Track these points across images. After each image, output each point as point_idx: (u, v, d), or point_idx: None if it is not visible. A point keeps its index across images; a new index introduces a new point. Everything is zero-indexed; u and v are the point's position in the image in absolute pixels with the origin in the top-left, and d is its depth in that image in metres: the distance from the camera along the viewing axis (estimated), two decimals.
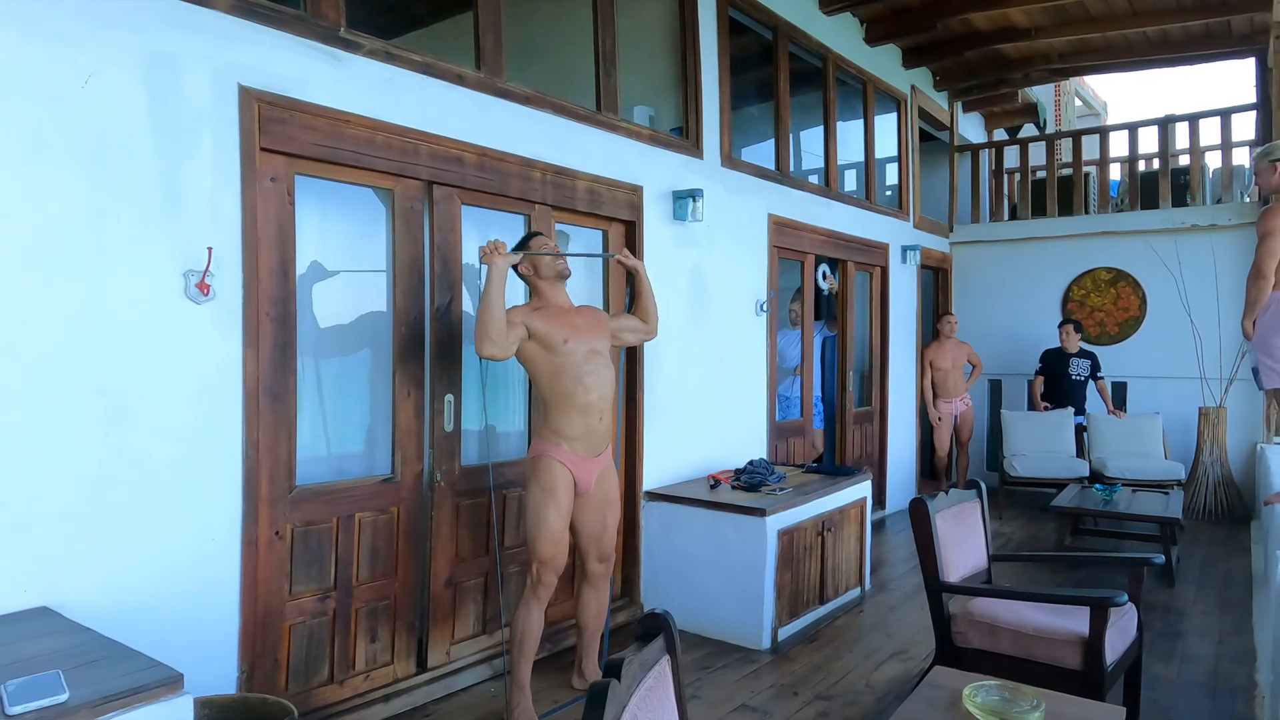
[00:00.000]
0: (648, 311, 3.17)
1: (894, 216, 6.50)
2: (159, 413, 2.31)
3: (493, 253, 2.70)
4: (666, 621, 1.52)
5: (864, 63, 6.00)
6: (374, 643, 2.93)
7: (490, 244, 2.72)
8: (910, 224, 6.75)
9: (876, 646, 3.64)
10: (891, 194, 6.92)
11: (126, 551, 2.25)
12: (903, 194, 6.74)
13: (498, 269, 2.68)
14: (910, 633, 3.79)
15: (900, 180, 6.77)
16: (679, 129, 4.47)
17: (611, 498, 3.04)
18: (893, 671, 3.36)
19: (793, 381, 5.53)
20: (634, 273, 3.16)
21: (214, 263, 2.39)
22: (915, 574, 4.67)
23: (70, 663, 1.70)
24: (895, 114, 6.63)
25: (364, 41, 2.81)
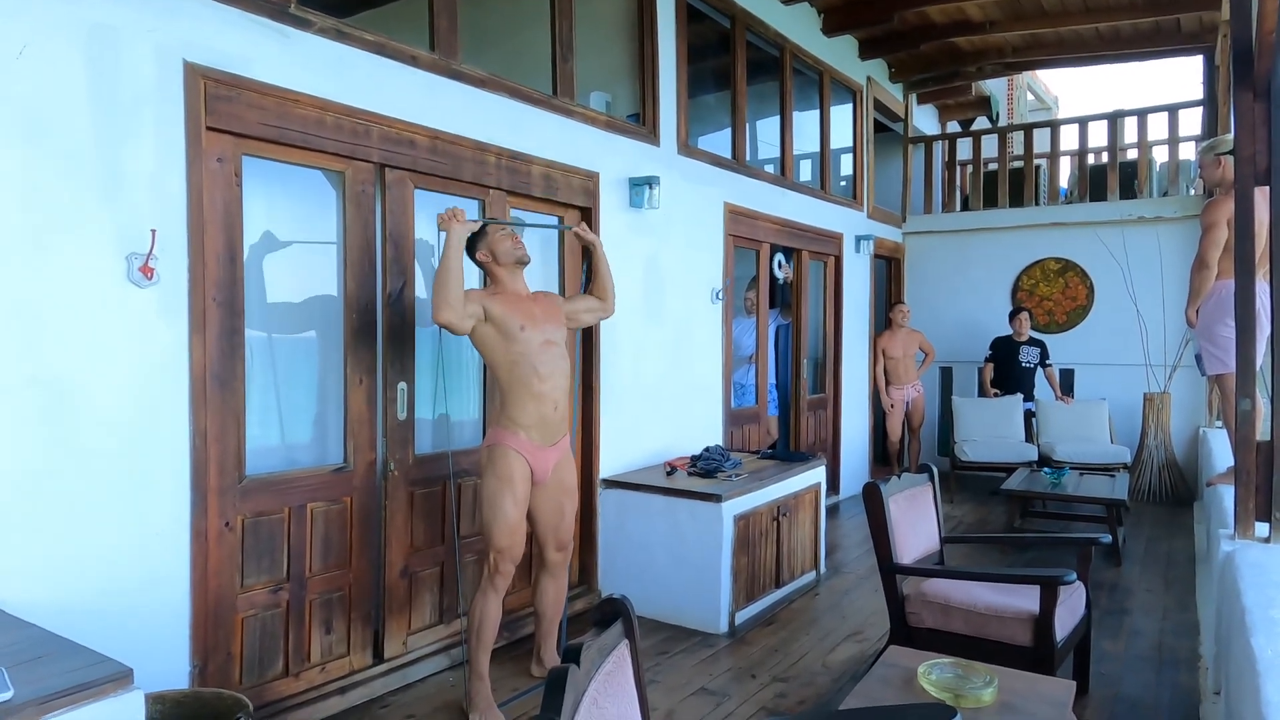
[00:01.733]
0: (605, 288, 3.16)
1: (848, 206, 6.57)
2: (101, 402, 2.23)
3: (451, 219, 2.68)
4: (625, 606, 1.52)
5: (821, 53, 6.05)
6: (329, 634, 2.88)
7: (449, 210, 2.70)
8: (864, 214, 6.85)
9: (832, 628, 3.69)
10: (846, 184, 7.01)
11: (69, 545, 2.17)
12: (857, 184, 6.83)
13: (456, 235, 2.66)
14: (864, 614, 3.85)
15: (855, 170, 6.86)
16: (636, 115, 4.45)
17: (569, 486, 3.03)
18: (848, 653, 3.41)
19: (748, 369, 5.57)
20: (591, 248, 3.15)
21: (158, 246, 2.30)
22: (869, 557, 4.74)
23: (12, 660, 1.63)
24: (851, 105, 6.70)
25: (314, 19, 2.73)
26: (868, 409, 6.92)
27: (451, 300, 2.62)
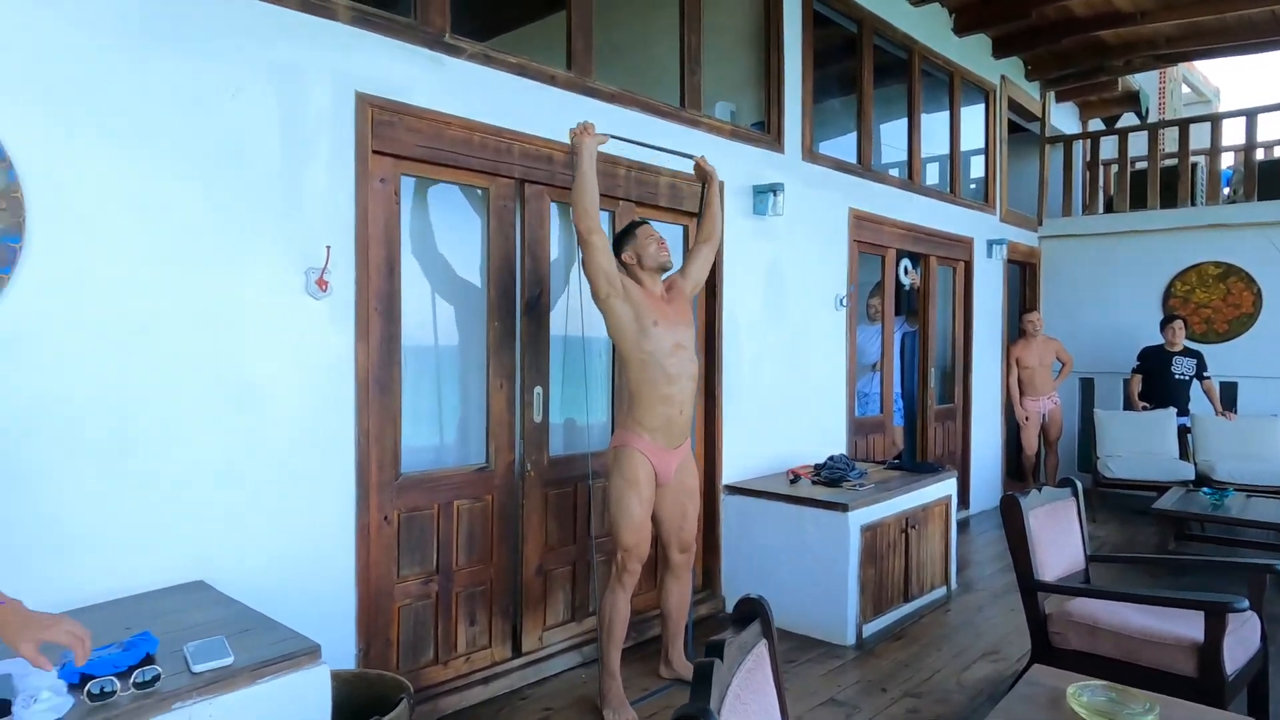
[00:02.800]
0: (715, 221, 3.22)
1: (979, 210, 6.34)
2: (282, 403, 2.46)
3: (583, 132, 2.80)
4: (762, 606, 1.54)
5: (951, 54, 5.87)
6: (473, 626, 3.05)
7: (580, 125, 2.82)
8: (996, 218, 6.58)
9: (965, 646, 3.58)
10: (977, 187, 6.75)
11: (257, 533, 2.41)
12: (989, 187, 6.57)
13: (587, 147, 2.78)
14: (1001, 633, 3.71)
15: (987, 173, 6.60)
16: (760, 123, 4.47)
17: (691, 489, 3.08)
18: (984, 671, 3.30)
19: (871, 377, 5.45)
20: (708, 179, 3.22)
21: (330, 260, 2.52)
22: (1003, 575, 4.57)
23: (227, 630, 1.86)
24: (983, 105, 6.45)
25: (465, 46, 2.91)
26: (1000, 421, 6.63)
27: (588, 207, 2.75)
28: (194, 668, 1.66)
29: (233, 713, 1.65)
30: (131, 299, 2.17)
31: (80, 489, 2.09)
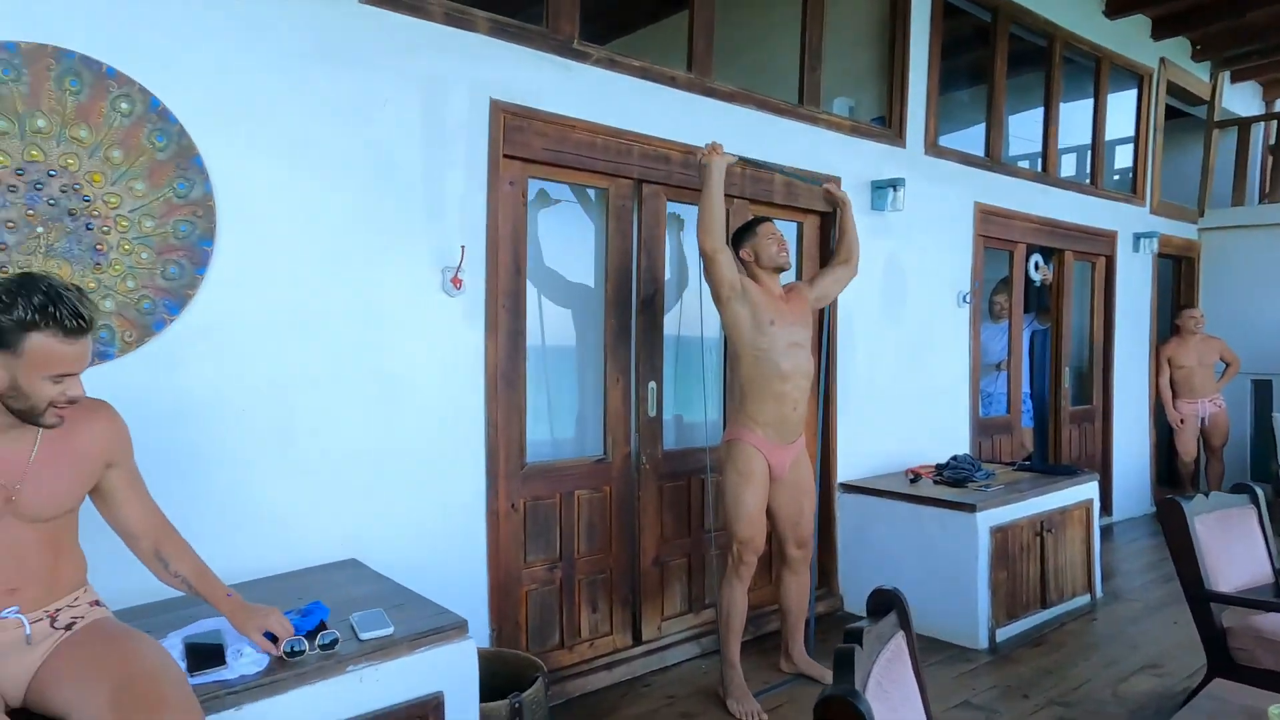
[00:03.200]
0: (850, 248, 3.18)
1: (1125, 202, 5.95)
2: (421, 394, 2.64)
3: (713, 152, 2.84)
4: (898, 598, 1.53)
5: (1099, 38, 5.52)
6: (595, 613, 3.15)
7: (710, 145, 2.87)
8: (1146, 209, 6.15)
9: (1119, 657, 3.39)
10: (1121, 178, 6.34)
11: (401, 516, 2.59)
12: (1138, 177, 6.14)
13: (717, 166, 2.82)
14: (1162, 646, 3.48)
15: (1136, 162, 6.16)
16: (881, 118, 4.39)
17: (806, 485, 3.07)
18: (1146, 685, 3.12)
19: (997, 377, 5.24)
20: (840, 206, 3.20)
21: (465, 260, 2.68)
22: (1160, 585, 4.30)
23: (384, 604, 2.02)
24: (1136, 91, 6.03)
25: (592, 51, 3.02)
26: (1149, 425, 6.21)
27: (715, 228, 2.79)
28: (361, 635, 1.82)
29: (394, 678, 1.80)
30: (296, 296, 2.38)
31: (251, 471, 2.31)
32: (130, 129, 2.09)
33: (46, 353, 1.39)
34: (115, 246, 2.08)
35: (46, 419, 1.46)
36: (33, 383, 1.41)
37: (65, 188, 2.01)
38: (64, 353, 1.41)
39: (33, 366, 1.39)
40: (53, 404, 1.44)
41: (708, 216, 2.78)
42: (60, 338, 1.40)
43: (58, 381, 1.43)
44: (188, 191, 2.18)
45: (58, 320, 1.38)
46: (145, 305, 2.13)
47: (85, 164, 2.03)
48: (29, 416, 1.45)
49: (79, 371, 1.46)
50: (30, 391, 1.41)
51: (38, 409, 1.44)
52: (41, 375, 1.40)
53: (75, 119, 2.01)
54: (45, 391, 1.42)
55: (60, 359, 1.41)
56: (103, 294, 2.06)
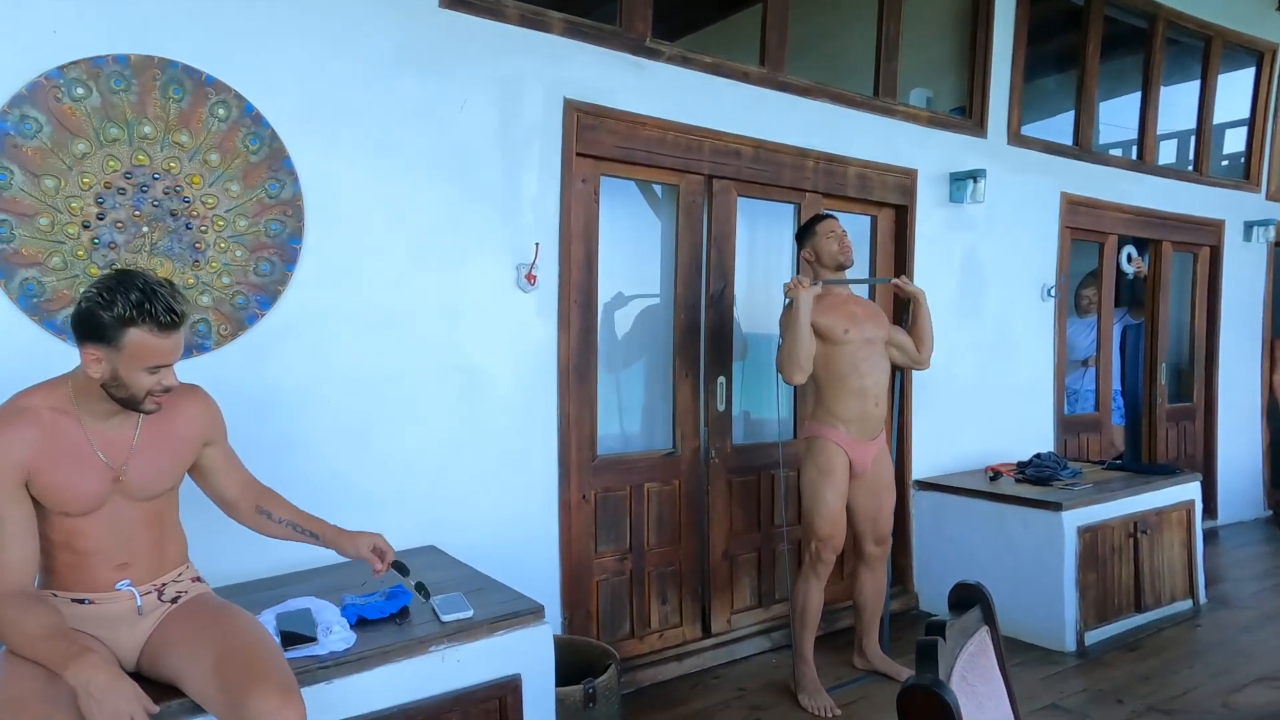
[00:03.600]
0: (923, 340, 3.08)
1: (1236, 188, 5.60)
2: (498, 387, 2.72)
3: (797, 286, 2.80)
4: (982, 592, 1.48)
5: (1210, 14, 5.19)
6: (665, 604, 3.18)
7: (795, 279, 2.84)
8: (1261, 196, 5.76)
9: (1229, 666, 3.21)
10: (1230, 163, 5.97)
11: (478, 504, 2.68)
12: (1252, 162, 5.74)
13: (803, 302, 2.78)
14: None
15: (1250, 146, 5.75)
16: (960, 108, 4.27)
17: (887, 481, 3.03)
18: (1263, 697, 2.95)
19: (1083, 373, 5.03)
20: (913, 300, 3.07)
21: (539, 256, 2.74)
22: (1274, 593, 4.08)
23: (462, 588, 2.10)
24: (1253, 69, 5.64)
25: (664, 49, 3.05)
26: (1261, 424, 5.85)
27: (802, 363, 2.78)
28: (443, 618, 1.89)
29: (475, 659, 1.88)
30: (379, 292, 2.49)
31: (337, 459, 2.43)
32: (227, 133, 2.23)
33: (143, 347, 1.49)
34: (212, 245, 2.22)
35: (145, 406, 1.58)
36: (131, 374, 1.51)
37: (168, 190, 2.16)
38: (159, 346, 1.51)
39: (131, 359, 1.50)
40: (150, 393, 1.55)
41: (794, 348, 2.77)
42: (156, 333, 1.50)
43: (154, 372, 1.53)
44: (278, 192, 2.30)
45: (153, 316, 1.48)
46: (239, 300, 2.26)
47: (186, 167, 2.18)
48: (129, 404, 1.57)
49: (173, 362, 1.57)
50: (129, 382, 1.52)
51: (137, 398, 1.55)
52: (139, 367, 1.51)
53: (177, 125, 2.16)
54: (143, 382, 1.53)
55: (156, 352, 1.51)
56: (200, 290, 2.20)
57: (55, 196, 2.01)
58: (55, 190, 2.01)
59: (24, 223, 1.98)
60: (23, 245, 1.98)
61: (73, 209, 2.03)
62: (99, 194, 2.06)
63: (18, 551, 1.50)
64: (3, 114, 1.95)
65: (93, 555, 1.60)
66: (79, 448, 1.56)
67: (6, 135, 1.95)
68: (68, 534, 1.58)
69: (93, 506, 1.58)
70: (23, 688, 1.41)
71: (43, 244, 2.00)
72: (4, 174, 1.95)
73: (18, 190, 1.97)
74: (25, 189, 1.98)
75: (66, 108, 2.02)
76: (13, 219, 1.97)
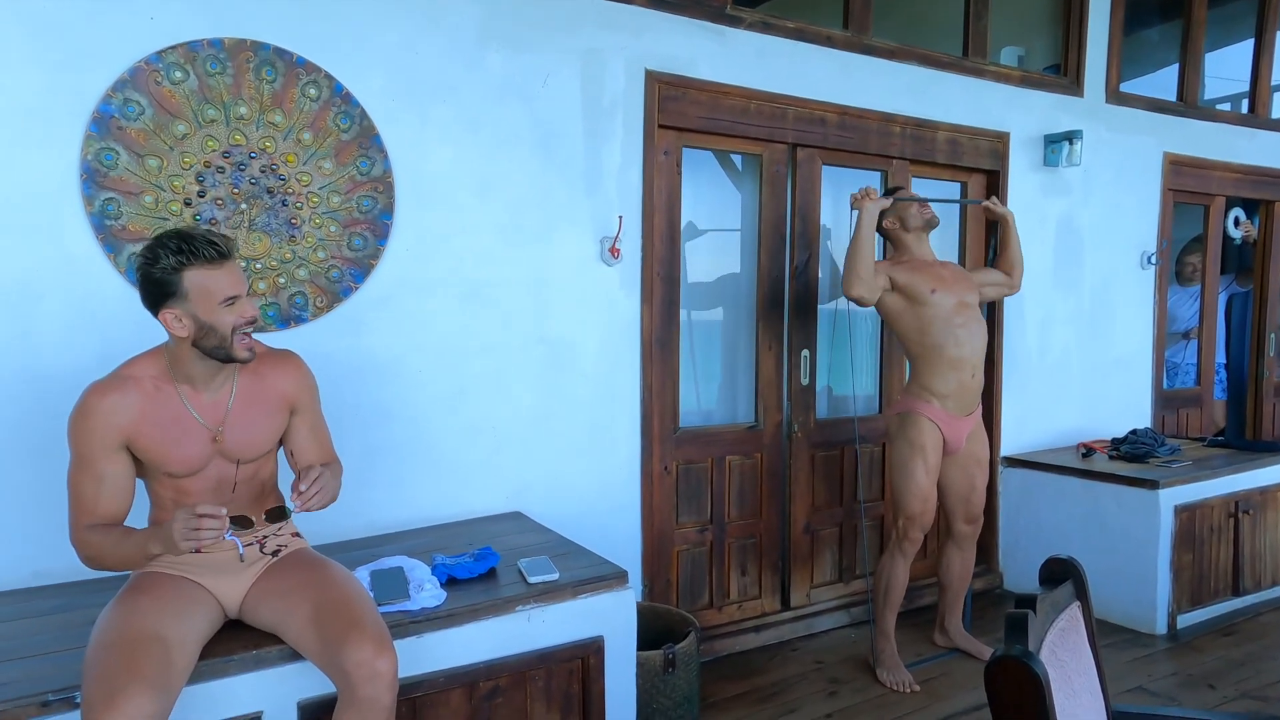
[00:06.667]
0: (1013, 262, 3.01)
1: None
2: (583, 359, 2.75)
3: (864, 197, 2.77)
4: (1075, 566, 1.46)
5: None
6: (744, 576, 3.19)
7: (862, 190, 2.79)
8: None
9: None
10: None
11: (563, 473, 2.73)
12: None
13: (869, 212, 2.74)
14: None
15: None
16: (1054, 67, 4.06)
17: (981, 458, 2.95)
18: None
19: (1185, 345, 4.78)
20: (1002, 222, 3.01)
21: (622, 230, 2.75)
22: None
23: (548, 553, 2.16)
24: None
25: (745, 15, 2.98)
26: None
27: (863, 274, 2.71)
28: (530, 579, 1.95)
29: (560, 620, 1.93)
30: (468, 266, 2.54)
31: (428, 427, 2.50)
32: (318, 113, 2.29)
33: (203, 283, 1.56)
34: (307, 221, 2.29)
35: (238, 351, 1.62)
36: (211, 315, 1.57)
37: (264, 168, 2.23)
38: (218, 277, 1.57)
39: (201, 299, 1.56)
40: (236, 329, 1.60)
41: (854, 261, 2.71)
42: (208, 266, 1.55)
43: (230, 306, 1.59)
44: (370, 169, 2.36)
45: (196, 253, 1.54)
46: (334, 274, 2.33)
47: (280, 146, 2.25)
48: (223, 353, 1.61)
49: (242, 293, 1.61)
50: (213, 324, 1.58)
51: (226, 339, 1.60)
52: (214, 304, 1.57)
53: (271, 105, 2.23)
54: (224, 319, 1.59)
55: (218, 283, 1.57)
56: (297, 264, 2.28)
57: (159, 175, 2.11)
58: (158, 169, 2.11)
59: (130, 200, 2.08)
60: (130, 222, 2.09)
61: (175, 187, 2.13)
62: (199, 172, 2.15)
63: (107, 501, 1.60)
64: (108, 98, 2.04)
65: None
66: (179, 413, 1.64)
67: (112, 118, 2.05)
68: (175, 491, 1.67)
69: (195, 468, 1.66)
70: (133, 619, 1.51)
71: (148, 220, 2.11)
72: (110, 155, 2.05)
73: (124, 170, 2.07)
74: (130, 169, 2.08)
75: (166, 90, 2.10)
76: (120, 197, 2.07)
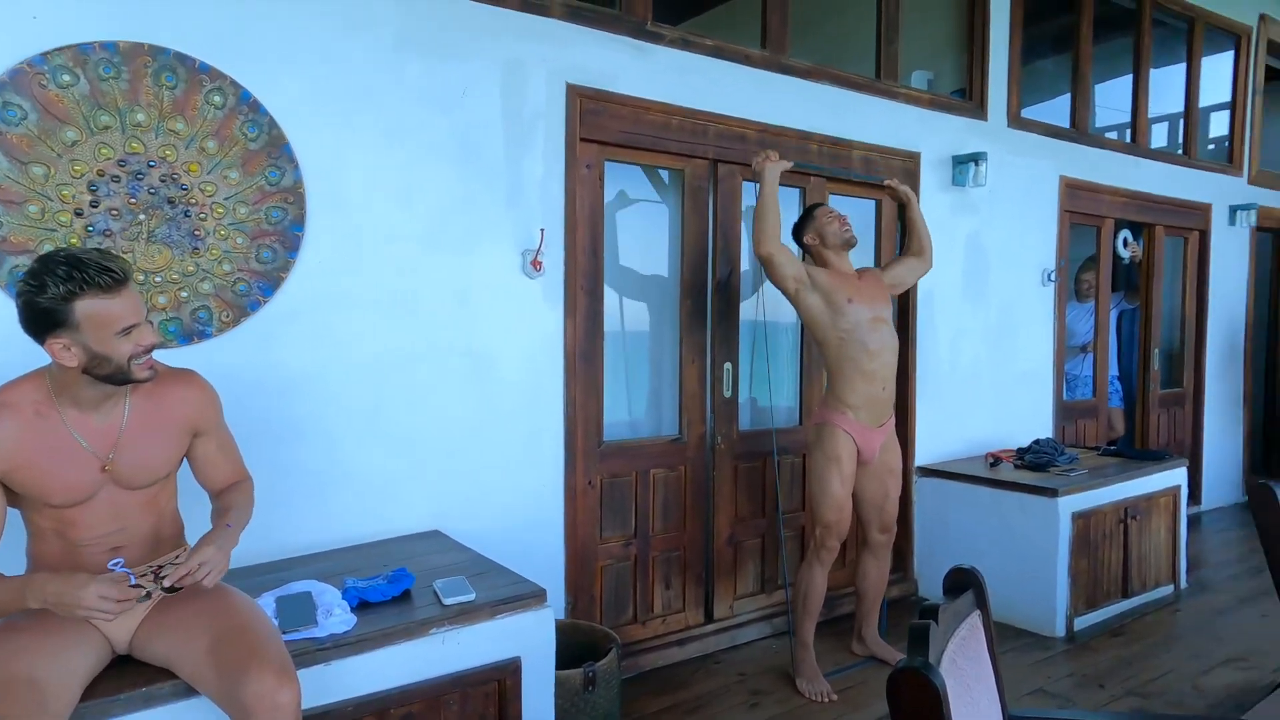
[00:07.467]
0: (922, 241, 3.14)
1: (1221, 172, 5.63)
2: (507, 372, 2.71)
3: (766, 160, 2.84)
4: (975, 576, 1.50)
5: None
6: (668, 590, 3.19)
7: (764, 152, 2.87)
8: (1243, 180, 5.80)
9: (1203, 650, 3.28)
10: (1216, 147, 6.00)
11: (484, 490, 2.67)
12: (1235, 145, 5.79)
13: (770, 173, 2.82)
14: (1250, 640, 3.35)
15: (1233, 129, 5.81)
16: (961, 91, 4.25)
17: (894, 468, 3.03)
18: (1229, 678, 3.02)
19: (1083, 359, 5.06)
20: (906, 201, 3.15)
21: (544, 242, 2.72)
22: (1250, 577, 4.13)
23: (465, 572, 2.10)
24: (1232, 52, 5.69)
25: (665, 32, 3.01)
26: (1242, 409, 5.92)
27: (771, 232, 2.79)
28: (445, 601, 1.90)
29: (475, 642, 1.88)
30: (387, 278, 2.47)
31: (343, 444, 2.42)
32: (224, 121, 2.19)
33: (97, 312, 1.45)
34: (212, 232, 2.19)
35: (136, 374, 1.52)
36: (105, 345, 1.46)
37: (164, 177, 2.12)
38: (113, 307, 1.46)
39: (94, 329, 1.45)
40: (133, 358, 1.50)
41: (761, 221, 2.79)
42: (101, 295, 1.44)
43: (126, 335, 1.48)
44: (279, 179, 2.27)
45: (90, 281, 1.43)
46: (241, 288, 2.23)
47: (182, 155, 2.14)
48: (120, 377, 1.51)
49: (139, 320, 1.51)
50: (109, 353, 1.47)
51: (123, 367, 1.50)
52: (109, 335, 1.46)
53: (172, 112, 2.12)
54: (120, 348, 1.48)
55: (113, 312, 1.46)
56: (200, 277, 2.17)
57: (45, 184, 1.98)
58: (45, 178, 1.98)
59: (12, 210, 1.95)
60: (11, 233, 1.95)
61: (64, 196, 2.00)
62: (91, 181, 2.03)
63: None
64: None
65: (85, 544, 1.59)
66: (62, 441, 1.53)
67: None
68: (58, 522, 1.56)
69: (81, 497, 1.55)
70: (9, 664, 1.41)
71: (33, 231, 1.97)
72: None
73: (3, 178, 1.94)
74: (12, 176, 1.95)
75: (53, 94, 1.98)
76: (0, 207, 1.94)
